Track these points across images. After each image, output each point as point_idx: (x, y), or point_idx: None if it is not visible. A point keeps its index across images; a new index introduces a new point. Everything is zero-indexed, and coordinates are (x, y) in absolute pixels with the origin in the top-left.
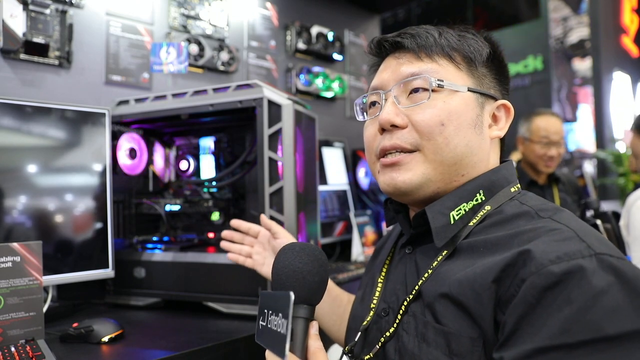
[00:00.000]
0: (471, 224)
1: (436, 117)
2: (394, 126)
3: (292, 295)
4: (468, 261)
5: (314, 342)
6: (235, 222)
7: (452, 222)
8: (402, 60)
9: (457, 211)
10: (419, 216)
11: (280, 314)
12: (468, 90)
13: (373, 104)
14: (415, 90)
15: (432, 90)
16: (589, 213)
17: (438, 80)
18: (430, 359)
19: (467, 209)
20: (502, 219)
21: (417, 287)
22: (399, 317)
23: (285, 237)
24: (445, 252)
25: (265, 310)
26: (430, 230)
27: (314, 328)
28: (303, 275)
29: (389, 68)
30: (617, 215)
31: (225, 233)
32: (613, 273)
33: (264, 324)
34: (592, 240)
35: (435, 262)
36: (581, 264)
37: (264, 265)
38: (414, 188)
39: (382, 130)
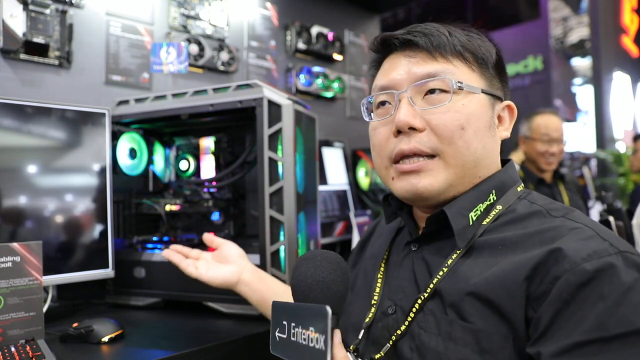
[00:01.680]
0: (485, 222)
1: (457, 120)
2: (412, 128)
3: (330, 311)
4: (489, 259)
5: (339, 351)
6: (174, 247)
7: (470, 222)
8: (415, 60)
9: (474, 212)
10: (435, 216)
11: (311, 328)
12: (482, 92)
13: (382, 103)
14: (432, 91)
15: (453, 93)
16: (602, 208)
17: (458, 82)
18: (460, 357)
19: (482, 209)
20: (516, 218)
21: (432, 286)
22: (412, 315)
23: (230, 245)
24: (459, 250)
25: (285, 322)
26: (441, 229)
27: (337, 337)
28: (327, 285)
29: (399, 67)
30: (629, 213)
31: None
32: (637, 270)
33: (283, 335)
34: (613, 239)
35: (450, 260)
36: (610, 261)
37: (209, 270)
38: (436, 194)
39: (398, 132)
